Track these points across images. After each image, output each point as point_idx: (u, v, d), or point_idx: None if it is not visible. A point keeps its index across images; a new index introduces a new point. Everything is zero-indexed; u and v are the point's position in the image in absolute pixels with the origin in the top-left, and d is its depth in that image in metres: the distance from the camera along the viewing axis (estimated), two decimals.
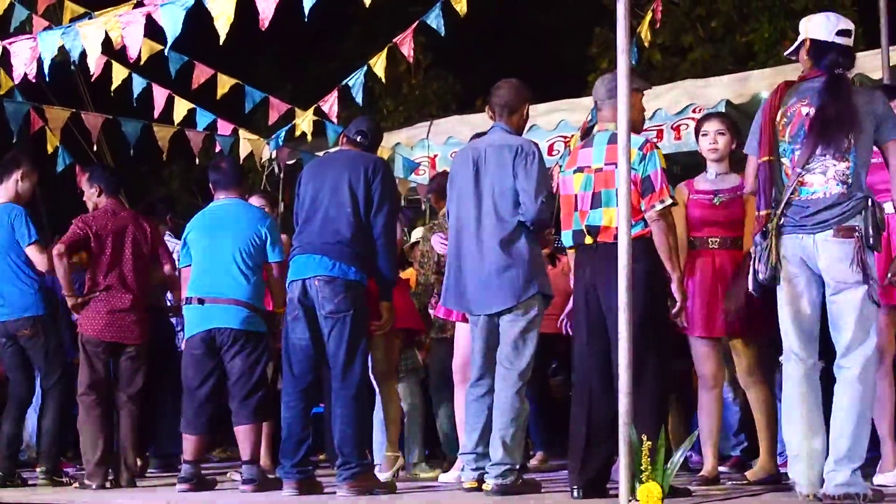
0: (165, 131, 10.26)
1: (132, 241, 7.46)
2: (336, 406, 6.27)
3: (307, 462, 6.36)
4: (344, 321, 6.22)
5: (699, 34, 16.83)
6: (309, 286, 6.30)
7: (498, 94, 6.27)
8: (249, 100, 10.66)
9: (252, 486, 6.68)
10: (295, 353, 6.37)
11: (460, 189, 6.18)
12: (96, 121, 10.14)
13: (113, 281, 7.35)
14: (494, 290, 5.97)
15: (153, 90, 9.80)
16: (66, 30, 6.81)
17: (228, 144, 10.55)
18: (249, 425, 6.80)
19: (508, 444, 5.86)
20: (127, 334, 7.34)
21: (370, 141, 6.61)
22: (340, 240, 6.26)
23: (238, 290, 6.86)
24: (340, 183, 6.34)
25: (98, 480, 7.16)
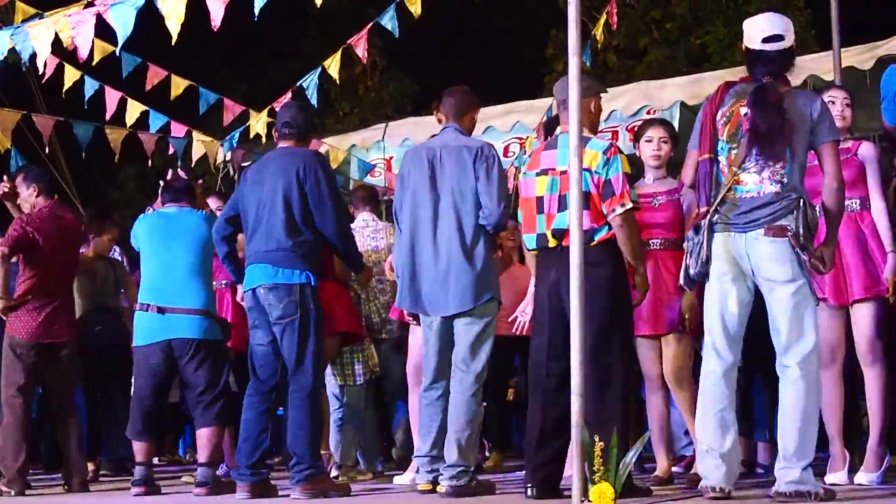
0: (118, 133, 10.18)
1: (70, 242, 7.41)
2: (291, 408, 6.27)
3: (262, 465, 6.34)
4: (293, 324, 6.22)
5: (654, 37, 16.96)
6: (258, 294, 6.31)
7: (447, 99, 6.32)
8: (204, 101, 10.60)
9: (205, 489, 6.65)
10: (257, 358, 6.39)
11: (415, 189, 6.17)
12: (48, 122, 10.05)
13: (48, 282, 7.28)
14: (452, 293, 5.98)
15: (105, 92, 9.72)
16: (15, 30, 6.75)
17: (182, 146, 10.49)
18: (212, 428, 6.80)
19: (463, 447, 5.87)
20: (61, 334, 7.28)
21: (298, 129, 6.52)
22: (281, 246, 6.26)
23: (198, 299, 6.83)
24: (276, 190, 6.32)
25: (19, 487, 7.09)
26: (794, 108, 5.12)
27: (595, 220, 5.55)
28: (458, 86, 6.39)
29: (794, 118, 5.11)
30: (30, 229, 7.22)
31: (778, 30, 5.26)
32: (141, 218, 7.26)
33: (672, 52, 16.75)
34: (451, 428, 5.93)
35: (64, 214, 7.50)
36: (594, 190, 5.56)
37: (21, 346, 7.21)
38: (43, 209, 7.38)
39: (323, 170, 6.38)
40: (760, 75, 5.23)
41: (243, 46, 18.66)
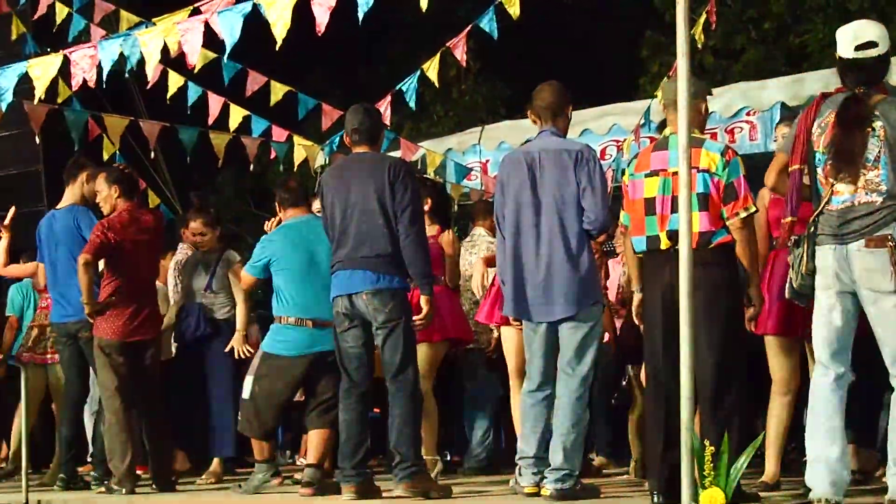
0: (221, 138, 10.32)
1: (150, 243, 7.53)
2: (393, 408, 6.33)
3: (365, 465, 6.38)
4: (397, 329, 6.27)
5: (751, 36, 16.72)
6: (356, 300, 6.33)
7: (540, 97, 6.22)
8: (303, 107, 10.72)
9: (311, 490, 6.71)
10: (350, 360, 6.42)
11: (515, 195, 6.13)
12: (153, 128, 10.22)
13: (130, 284, 7.40)
14: (556, 298, 5.95)
15: (208, 98, 9.87)
16: (125, 38, 6.87)
17: (283, 151, 10.60)
18: (325, 431, 6.92)
19: (568, 450, 5.86)
20: (145, 333, 7.39)
21: (369, 133, 6.52)
22: (379, 253, 6.29)
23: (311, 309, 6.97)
24: (367, 195, 6.33)
25: (129, 485, 7.20)
26: (889, 117, 5.01)
27: (713, 223, 5.49)
28: (548, 82, 6.29)
29: (888, 127, 4.99)
30: (111, 234, 7.35)
31: (870, 36, 5.15)
32: (274, 233, 7.32)
33: (769, 52, 16.49)
34: (556, 431, 5.92)
35: (143, 216, 7.61)
36: (714, 192, 5.50)
37: (108, 347, 7.36)
38: (123, 212, 7.51)
39: (412, 178, 6.45)
40: (853, 84, 5.13)
41: (338, 52, 18.79)
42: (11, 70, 7.16)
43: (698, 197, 5.42)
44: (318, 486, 6.72)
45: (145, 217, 7.62)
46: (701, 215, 5.48)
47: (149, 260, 7.53)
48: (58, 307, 7.83)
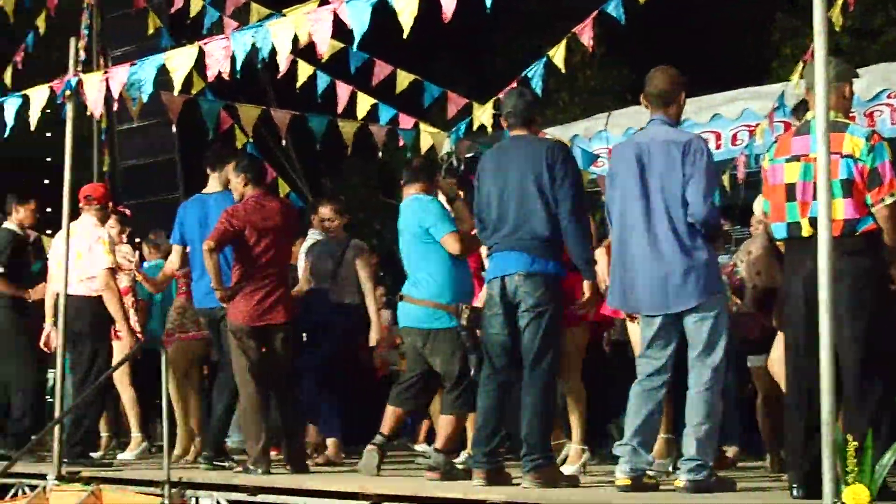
0: (350, 126, 10.43)
1: (277, 229, 7.57)
2: (525, 397, 6.27)
3: (498, 453, 6.39)
4: (543, 315, 6.20)
5: (890, 15, 16.24)
6: (508, 282, 6.27)
7: (651, 83, 6.02)
8: (428, 95, 10.77)
9: (438, 474, 6.75)
10: (493, 347, 6.39)
11: (623, 187, 5.98)
12: (284, 117, 10.37)
13: (258, 269, 7.48)
14: (676, 290, 5.81)
15: (337, 87, 9.97)
16: (257, 29, 6.97)
17: (410, 138, 10.67)
18: (450, 416, 6.91)
19: (702, 441, 5.75)
20: (276, 317, 7.47)
21: (522, 116, 6.46)
22: (536, 236, 6.23)
23: (420, 288, 6.98)
24: (525, 177, 6.27)
25: (264, 466, 7.32)
26: None
27: (858, 210, 5.29)
28: (660, 67, 6.09)
29: None
30: (235, 222, 7.45)
31: None
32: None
33: None
34: (689, 423, 5.82)
35: (269, 203, 7.66)
36: (858, 178, 5.34)
37: (240, 331, 7.47)
38: (249, 199, 7.60)
39: (570, 159, 6.38)
40: None
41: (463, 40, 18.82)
42: (150, 62, 7.33)
43: (841, 183, 5.23)
44: (444, 471, 6.75)
45: (271, 204, 7.67)
46: (844, 202, 5.28)
47: (277, 246, 7.56)
48: (202, 292, 7.96)
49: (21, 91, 8.09)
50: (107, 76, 7.57)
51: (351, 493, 6.22)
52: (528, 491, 6.02)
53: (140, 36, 12.72)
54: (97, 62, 12.40)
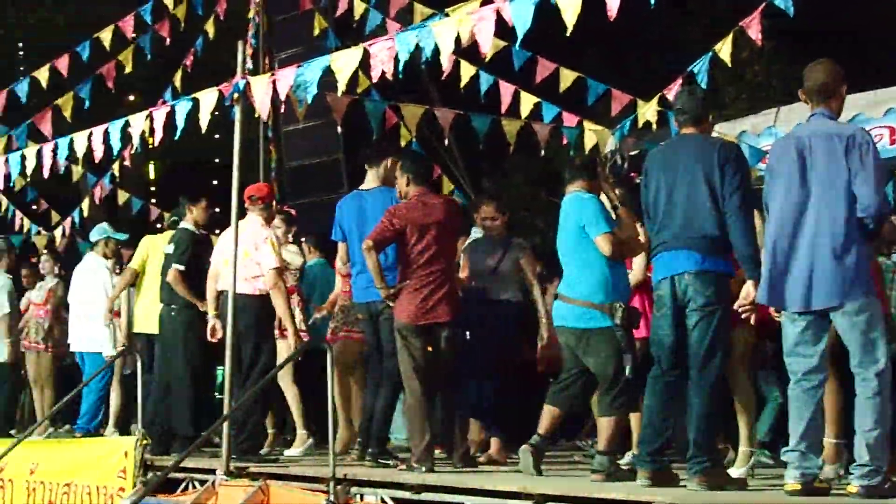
0: (513, 125, 10.44)
1: (439, 227, 7.56)
2: (693, 398, 6.19)
3: (663, 453, 6.31)
4: (713, 314, 6.13)
5: None
6: (678, 281, 6.21)
7: (811, 77, 5.88)
8: (592, 92, 10.71)
9: (601, 476, 6.69)
10: (662, 348, 6.33)
11: (783, 182, 5.84)
12: (447, 116, 10.44)
13: (421, 267, 7.48)
14: (821, 287, 5.66)
15: (500, 86, 9.99)
16: (420, 29, 7.02)
17: (574, 136, 10.62)
18: (609, 417, 6.86)
19: (872, 446, 5.58)
20: (439, 315, 7.49)
21: (692, 114, 6.38)
22: (706, 234, 6.15)
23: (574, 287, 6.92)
24: (695, 175, 6.19)
25: (428, 464, 7.35)
26: None
27: None
28: (819, 61, 5.95)
29: None
30: (396, 221, 7.49)
31: None
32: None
33: None
34: (858, 429, 5.65)
35: (431, 200, 7.67)
36: None
37: (404, 329, 7.50)
38: (412, 198, 7.64)
39: (741, 161, 6.26)
40: None
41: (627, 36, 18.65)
42: (315, 64, 7.46)
43: None
44: (608, 472, 6.69)
45: (433, 201, 7.69)
46: None
47: (439, 243, 7.57)
48: (362, 286, 8.01)
49: (191, 94, 8.32)
50: (274, 78, 7.72)
51: (514, 493, 6.18)
52: (695, 493, 5.94)
53: (306, 38, 12.98)
54: (263, 65, 12.69)
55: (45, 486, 8.68)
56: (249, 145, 13.08)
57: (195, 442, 7.50)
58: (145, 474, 7.87)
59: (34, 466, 8.88)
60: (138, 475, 7.89)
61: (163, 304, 9.15)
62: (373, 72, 7.13)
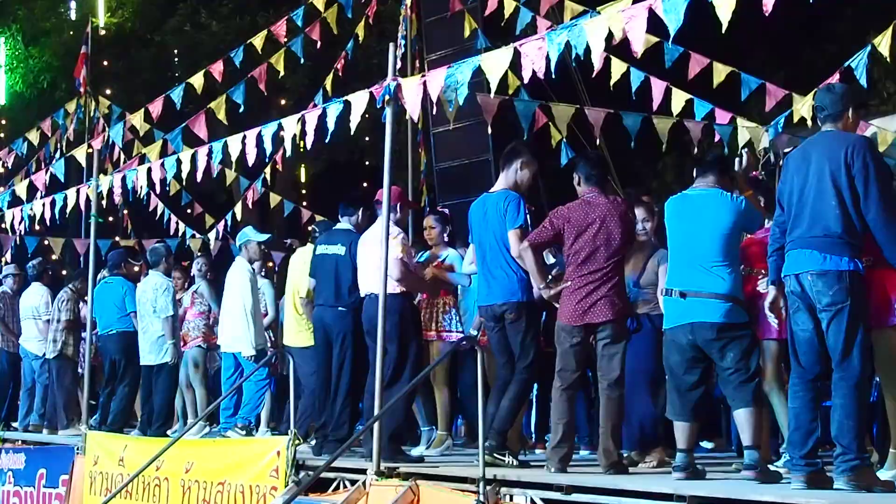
0: (664, 123, 10.30)
1: (599, 228, 7.40)
2: (836, 397, 6.06)
3: (815, 454, 6.15)
4: (841, 312, 6.00)
5: None
6: (803, 280, 6.13)
7: None
8: (745, 87, 10.51)
9: (754, 472, 6.54)
10: (800, 344, 6.22)
11: None
12: (598, 115, 10.35)
13: (582, 267, 7.38)
14: None
15: (651, 83, 9.86)
16: (571, 27, 6.96)
17: (727, 133, 10.42)
18: (747, 409, 6.71)
19: None
20: (595, 315, 7.36)
21: (832, 110, 6.22)
22: (828, 233, 6.04)
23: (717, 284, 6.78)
24: (822, 173, 6.09)
25: (556, 465, 7.25)
26: None
27: None
28: None
29: None
30: (555, 220, 7.44)
31: None
32: (670, 199, 7.27)
33: None
34: None
35: (596, 200, 7.56)
36: None
37: (563, 331, 7.45)
38: (581, 198, 7.57)
39: (871, 154, 6.10)
40: None
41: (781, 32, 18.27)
42: (466, 65, 7.45)
43: None
44: (759, 469, 6.53)
45: (598, 200, 7.56)
46: None
47: (595, 244, 7.47)
48: (484, 289, 7.97)
49: (342, 97, 8.40)
50: (424, 80, 7.73)
51: (666, 495, 6.11)
52: (850, 496, 5.78)
53: (457, 39, 13.02)
54: (412, 66, 12.78)
55: (199, 485, 8.84)
56: (400, 147, 13.21)
57: (346, 442, 7.56)
58: (297, 474, 7.95)
59: (189, 465, 9.06)
60: (290, 474, 7.98)
61: (324, 305, 9.13)
62: (523, 72, 7.10)
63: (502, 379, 7.99)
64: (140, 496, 9.45)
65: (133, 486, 9.44)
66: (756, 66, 13.70)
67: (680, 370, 6.96)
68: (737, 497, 5.88)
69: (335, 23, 13.03)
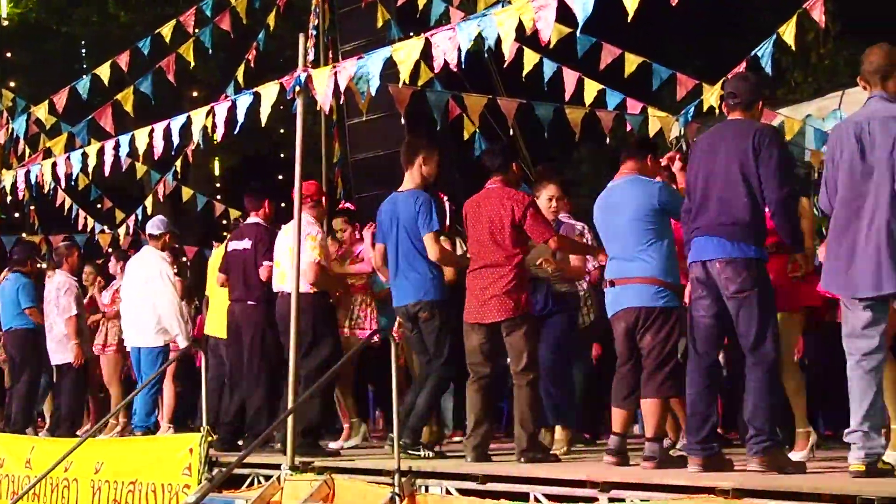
0: (577, 113, 10.33)
1: (497, 222, 7.38)
2: (749, 381, 6.11)
3: (711, 439, 6.22)
4: (750, 299, 6.06)
5: None
6: (710, 268, 6.17)
7: (867, 61, 5.80)
8: (656, 77, 10.57)
9: (652, 464, 6.59)
10: (698, 331, 6.28)
11: (844, 168, 5.74)
12: (511, 106, 10.36)
13: (477, 263, 7.43)
14: (887, 271, 5.54)
15: (563, 73, 9.88)
16: (482, 18, 6.94)
17: (638, 123, 10.49)
18: (653, 400, 6.75)
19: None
20: (491, 314, 7.36)
21: (742, 98, 6.27)
22: (736, 221, 6.09)
23: (640, 268, 6.80)
24: (729, 161, 6.13)
25: (471, 454, 7.28)
26: None
27: None
28: (877, 44, 5.85)
29: None
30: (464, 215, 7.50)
31: None
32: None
33: None
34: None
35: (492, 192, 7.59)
36: None
37: (466, 326, 7.50)
38: None
39: (777, 141, 6.17)
40: None
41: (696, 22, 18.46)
42: (377, 55, 7.40)
43: None
44: (658, 460, 6.57)
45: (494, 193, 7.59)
46: None
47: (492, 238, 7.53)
48: (397, 289, 7.93)
49: (253, 89, 8.30)
50: (335, 71, 7.67)
51: (579, 481, 6.16)
52: (758, 477, 5.81)
53: (370, 29, 12.94)
54: (325, 57, 12.68)
55: (110, 485, 8.69)
56: (315, 139, 13.10)
57: (259, 437, 7.48)
58: (210, 471, 7.86)
59: (99, 465, 8.92)
60: (203, 472, 7.89)
61: (235, 300, 9.07)
62: (435, 62, 7.07)
63: (423, 376, 8.02)
64: (48, 498, 9.27)
65: (41, 488, 9.23)
66: (674, 57, 13.85)
67: (621, 359, 6.98)
68: (648, 482, 5.94)
69: (245, 13, 12.86)
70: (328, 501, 7.10)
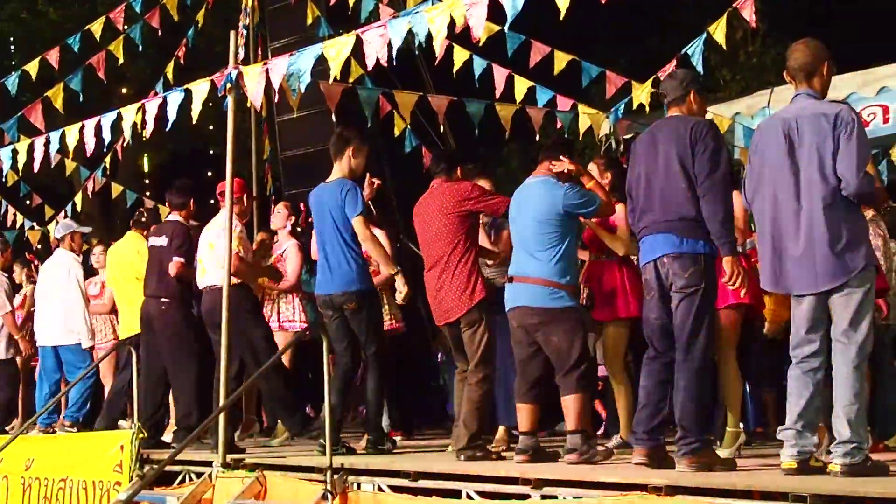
0: (507, 110, 10.39)
1: (439, 220, 7.48)
2: (678, 379, 6.13)
3: (658, 431, 6.28)
4: (693, 295, 6.07)
5: None
6: (660, 265, 6.19)
7: (793, 57, 5.84)
8: (586, 75, 10.65)
9: (576, 456, 6.67)
10: (654, 331, 6.30)
11: (772, 164, 5.78)
12: (441, 103, 10.39)
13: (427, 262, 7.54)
14: (824, 268, 5.62)
15: (493, 70, 9.93)
16: (413, 15, 6.97)
17: (568, 120, 10.57)
18: (572, 396, 6.81)
19: (853, 421, 5.53)
20: (446, 314, 7.52)
21: (674, 95, 6.32)
22: (683, 216, 6.09)
23: (538, 268, 6.86)
24: (669, 156, 6.15)
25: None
26: None
27: None
28: (801, 40, 5.88)
29: None
30: None
31: None
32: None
33: None
34: (837, 403, 5.60)
35: (435, 190, 7.68)
36: None
37: None
38: None
39: (713, 134, 6.17)
40: None
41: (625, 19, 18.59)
42: (307, 52, 7.41)
43: None
44: (580, 452, 6.64)
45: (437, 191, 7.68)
46: None
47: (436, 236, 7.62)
48: (322, 278, 7.93)
49: (183, 85, 8.27)
50: (266, 68, 7.67)
51: (512, 478, 6.20)
52: (690, 475, 5.85)
53: (300, 27, 12.91)
54: (255, 54, 12.63)
55: (40, 482, 8.64)
56: (245, 136, 13.04)
57: (190, 435, 7.45)
58: (142, 468, 7.83)
59: (30, 462, 8.85)
60: (135, 469, 7.85)
61: (149, 296, 9.06)
62: (366, 59, 7.09)
63: (341, 366, 8.02)
64: None
65: None
66: (603, 55, 13.96)
67: (519, 353, 7.03)
68: (581, 479, 5.96)
69: (175, 9, 12.77)
70: (260, 498, 7.10)
